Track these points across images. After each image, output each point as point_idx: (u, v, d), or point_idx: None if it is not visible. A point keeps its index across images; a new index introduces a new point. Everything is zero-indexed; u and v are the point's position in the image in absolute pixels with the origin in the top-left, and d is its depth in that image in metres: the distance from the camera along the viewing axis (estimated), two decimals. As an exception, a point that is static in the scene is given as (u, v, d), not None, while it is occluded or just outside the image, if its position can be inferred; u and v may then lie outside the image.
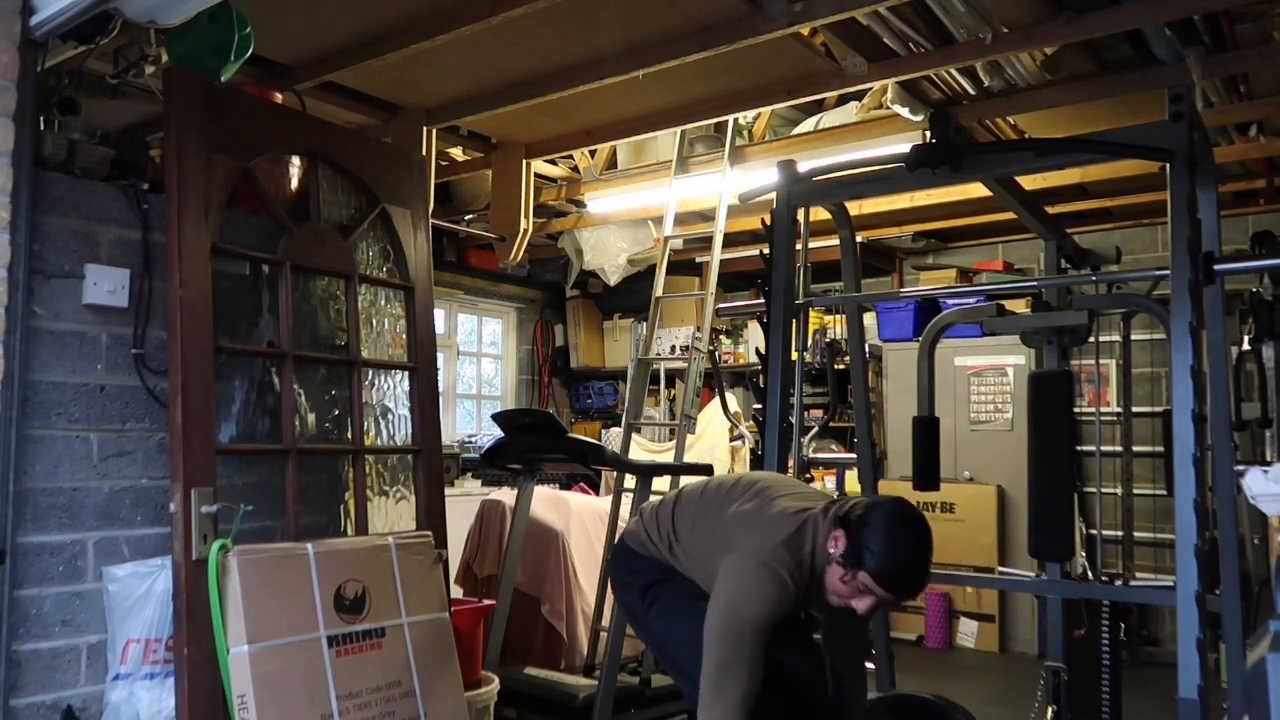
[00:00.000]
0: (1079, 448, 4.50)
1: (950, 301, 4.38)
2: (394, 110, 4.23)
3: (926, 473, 3.23)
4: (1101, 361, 5.16)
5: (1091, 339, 3.38)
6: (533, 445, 3.94)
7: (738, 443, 6.21)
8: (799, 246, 3.15)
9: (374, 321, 3.19)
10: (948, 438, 4.08)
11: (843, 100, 4.56)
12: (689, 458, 5.06)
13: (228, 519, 2.51)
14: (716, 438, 6.20)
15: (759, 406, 3.94)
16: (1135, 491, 5.00)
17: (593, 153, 5.34)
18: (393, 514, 3.15)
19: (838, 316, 6.02)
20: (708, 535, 2.34)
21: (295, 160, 2.96)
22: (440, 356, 6.58)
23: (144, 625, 2.45)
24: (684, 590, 2.39)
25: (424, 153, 4.16)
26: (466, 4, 3.18)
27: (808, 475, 4.04)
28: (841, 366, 5.17)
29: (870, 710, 2.68)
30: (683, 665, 2.39)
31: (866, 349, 3.80)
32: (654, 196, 5.38)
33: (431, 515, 3.13)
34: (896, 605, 2.26)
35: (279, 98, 3.15)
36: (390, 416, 3.20)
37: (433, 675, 2.78)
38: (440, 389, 4.40)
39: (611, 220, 6.04)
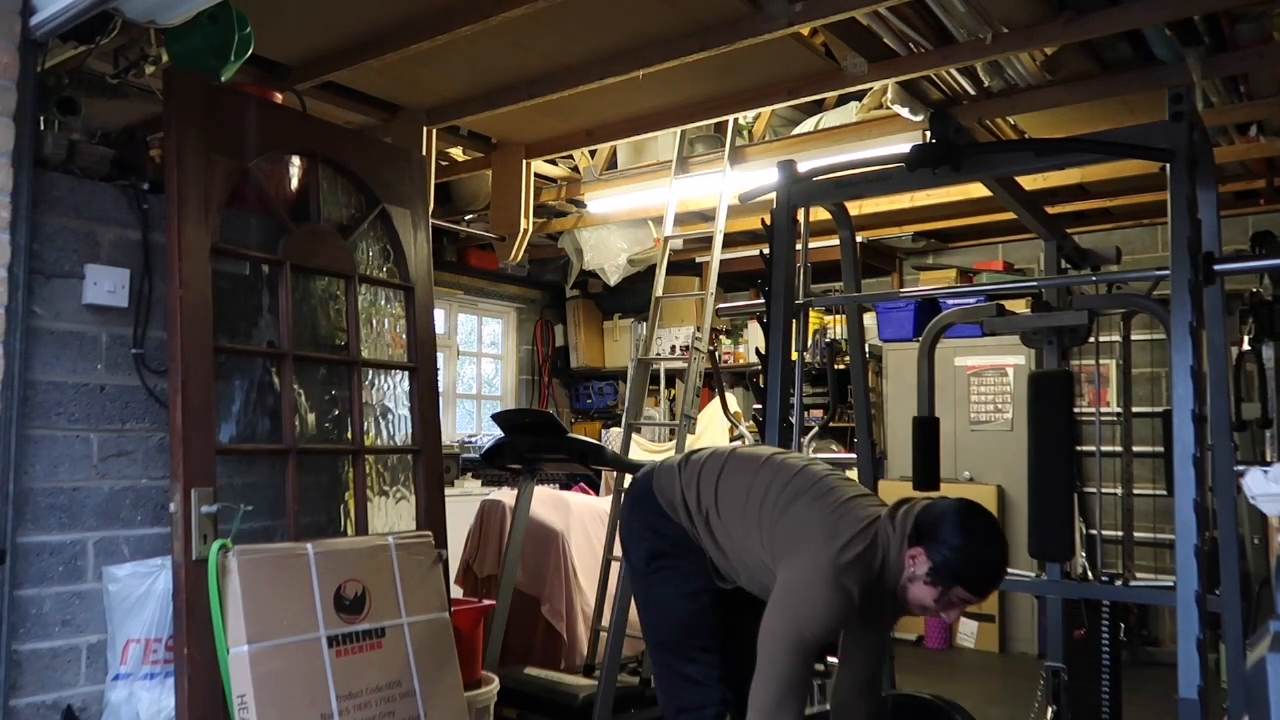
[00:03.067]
0: (1079, 448, 4.50)
1: (950, 301, 4.38)
2: (394, 110, 4.23)
3: (926, 473, 3.24)
4: (1101, 361, 5.16)
5: (1091, 339, 3.38)
6: (533, 445, 3.94)
7: (738, 443, 6.21)
8: (799, 246, 3.15)
9: (374, 321, 3.19)
10: (948, 438, 4.09)
11: (843, 100, 4.56)
12: (689, 458, 5.04)
13: (228, 519, 2.51)
14: (716, 438, 6.20)
15: (759, 406, 3.94)
16: (1135, 491, 5.00)
17: (593, 153, 5.34)
18: (393, 514, 3.15)
19: (838, 316, 6.03)
20: (765, 527, 2.21)
21: (295, 160, 2.96)
22: (440, 356, 6.58)
23: (144, 625, 2.45)
24: (694, 573, 2.33)
25: (424, 153, 4.16)
26: (467, 4, 3.18)
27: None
28: (841, 366, 5.17)
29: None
30: (654, 634, 2.39)
31: (866, 349, 3.80)
32: (654, 196, 5.37)
33: (431, 515, 3.13)
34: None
35: (279, 98, 3.14)
36: (390, 416, 3.20)
37: (433, 675, 2.78)
38: (440, 389, 4.40)
39: (611, 220, 6.03)
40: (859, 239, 4.26)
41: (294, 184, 2.96)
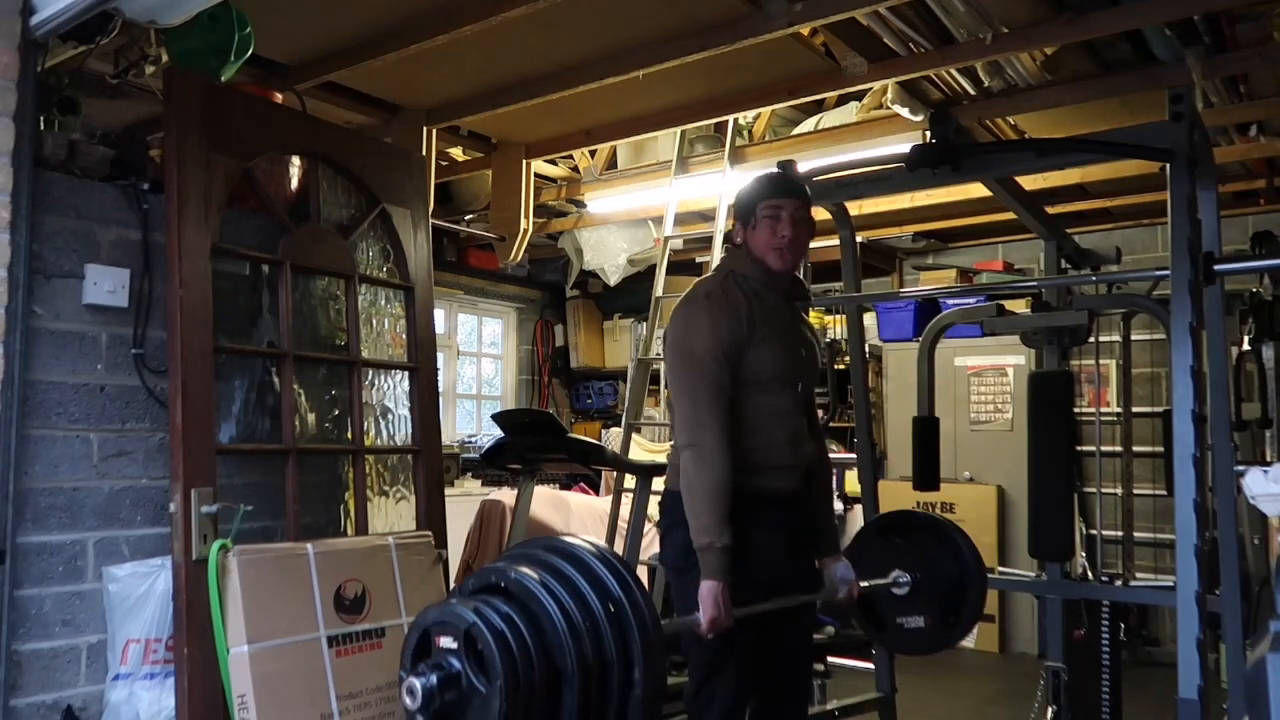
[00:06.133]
0: (1079, 448, 4.49)
1: (950, 301, 4.39)
2: (394, 110, 4.23)
3: (926, 473, 3.24)
4: (1101, 361, 5.16)
5: (1091, 339, 3.39)
6: (533, 445, 3.94)
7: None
8: (799, 246, 3.14)
9: (374, 321, 3.19)
10: (948, 438, 4.08)
11: (843, 100, 4.56)
12: (689, 458, 5.04)
13: (228, 519, 2.51)
14: (716, 438, 6.18)
15: (759, 406, 3.93)
16: (1135, 491, 5.00)
17: (593, 153, 5.34)
18: (393, 514, 3.15)
19: (838, 316, 6.03)
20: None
21: (295, 160, 2.96)
22: (440, 356, 6.57)
23: (144, 625, 2.45)
24: None
25: (424, 153, 4.16)
26: (466, 4, 3.18)
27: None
28: (841, 366, 5.18)
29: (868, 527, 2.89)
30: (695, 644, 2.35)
31: (866, 349, 3.80)
32: (654, 196, 5.37)
33: (431, 515, 3.13)
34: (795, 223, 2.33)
35: (279, 98, 3.14)
36: (390, 416, 3.20)
37: (433, 675, 2.78)
38: (440, 389, 4.40)
39: (611, 220, 6.03)
40: (859, 239, 4.26)
41: (294, 184, 2.96)
